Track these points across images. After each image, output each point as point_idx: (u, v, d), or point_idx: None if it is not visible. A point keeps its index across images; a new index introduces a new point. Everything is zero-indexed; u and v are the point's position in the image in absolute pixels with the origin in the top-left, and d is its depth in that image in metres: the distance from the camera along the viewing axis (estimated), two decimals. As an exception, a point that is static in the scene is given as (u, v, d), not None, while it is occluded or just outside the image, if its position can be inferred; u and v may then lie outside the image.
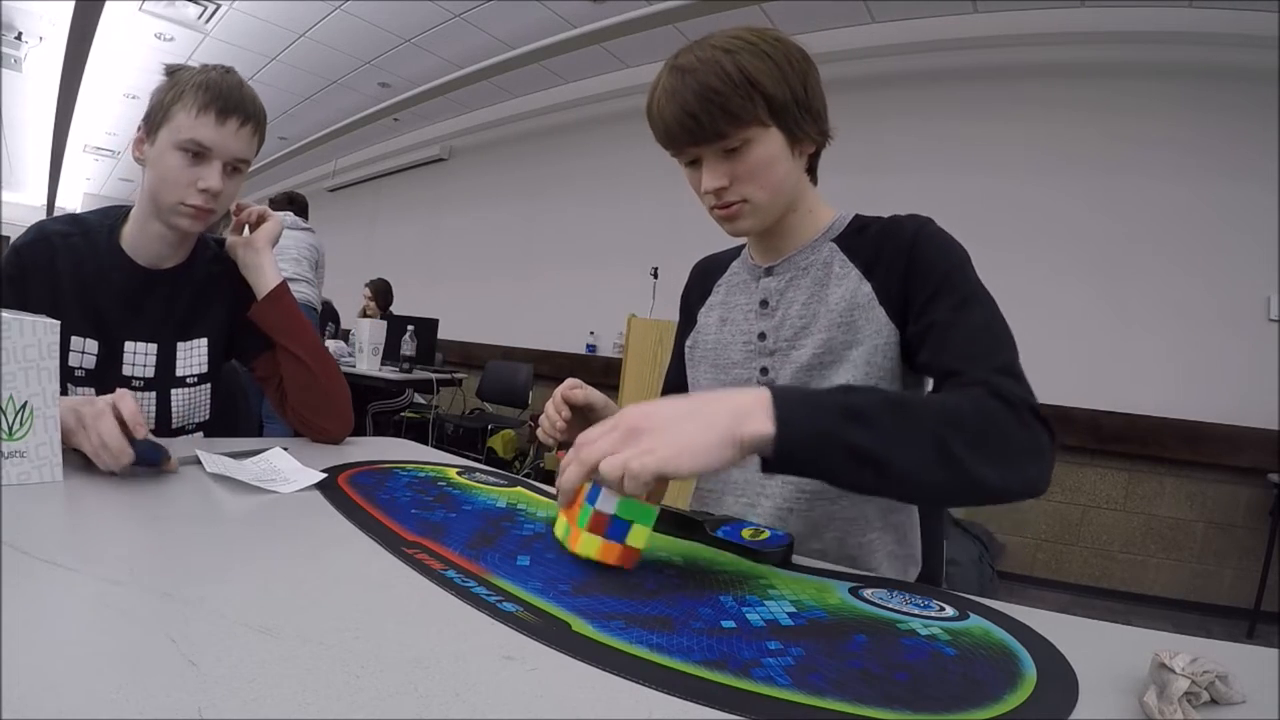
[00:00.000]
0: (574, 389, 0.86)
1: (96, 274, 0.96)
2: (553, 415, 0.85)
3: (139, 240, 0.99)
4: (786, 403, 0.54)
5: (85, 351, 0.97)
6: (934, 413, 0.59)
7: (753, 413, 0.53)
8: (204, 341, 1.05)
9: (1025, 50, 3.42)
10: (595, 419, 0.89)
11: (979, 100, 3.55)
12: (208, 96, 0.90)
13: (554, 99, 5.25)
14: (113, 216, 1.01)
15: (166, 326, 1.02)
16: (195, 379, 1.05)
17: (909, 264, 0.76)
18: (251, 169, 1.02)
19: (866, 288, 0.79)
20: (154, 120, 0.93)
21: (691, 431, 0.52)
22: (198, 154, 0.92)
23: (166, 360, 1.02)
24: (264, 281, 1.04)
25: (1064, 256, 3.31)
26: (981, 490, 0.58)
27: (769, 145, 0.75)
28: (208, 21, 4.38)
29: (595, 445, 0.54)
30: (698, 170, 0.78)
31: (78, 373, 0.97)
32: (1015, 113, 3.46)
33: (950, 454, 0.56)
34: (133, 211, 1.00)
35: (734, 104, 0.71)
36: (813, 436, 0.54)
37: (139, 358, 1.00)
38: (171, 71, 0.95)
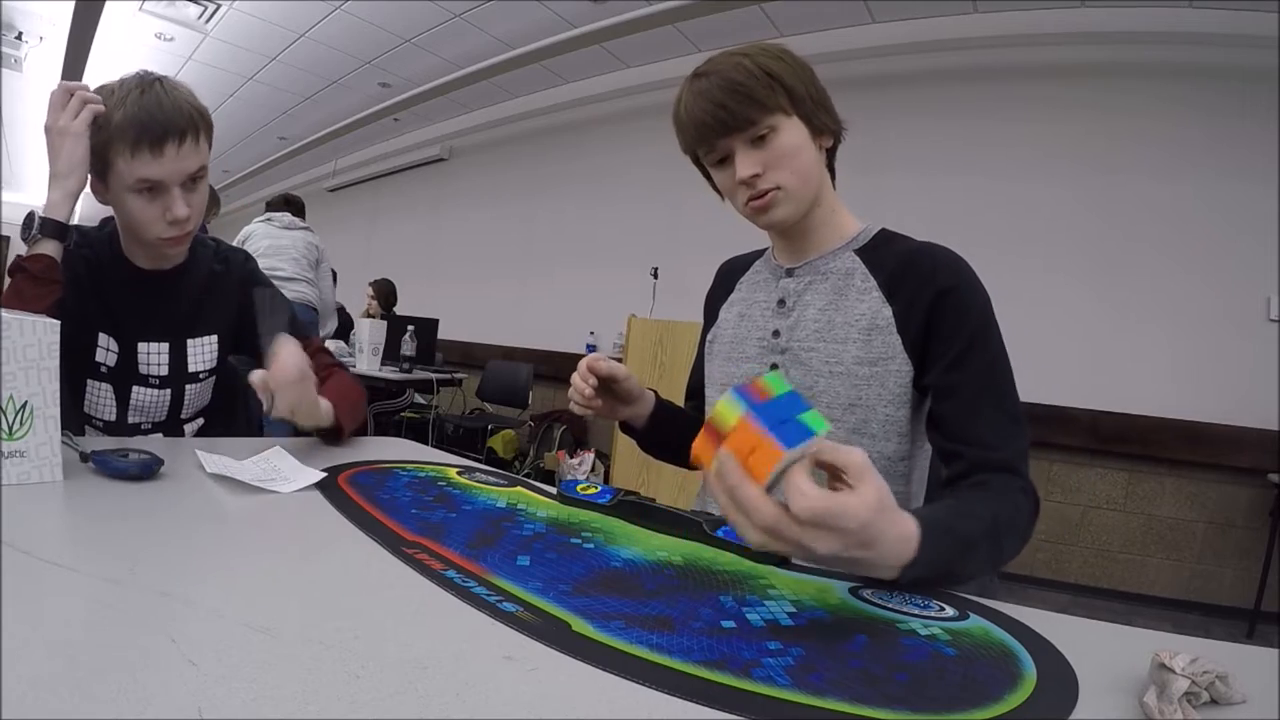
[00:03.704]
0: (598, 360, 0.89)
1: (106, 281, 0.98)
2: (580, 385, 0.89)
3: (136, 255, 1.01)
4: (930, 542, 0.55)
5: (109, 349, 0.99)
6: (1005, 531, 0.66)
7: (905, 550, 0.54)
8: (214, 338, 1.08)
9: (1025, 50, 3.42)
10: (620, 390, 0.92)
11: (979, 100, 3.55)
12: (135, 132, 0.85)
13: (554, 99, 5.25)
14: (109, 226, 1.02)
15: (176, 325, 1.04)
16: (206, 373, 1.08)
17: (937, 306, 0.78)
18: (251, 169, 1.02)
19: (887, 312, 0.81)
20: (99, 170, 0.90)
21: (874, 559, 0.51)
22: (152, 189, 0.89)
23: (178, 358, 1.04)
24: (327, 415, 0.94)
25: (1064, 256, 3.31)
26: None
27: (793, 132, 0.79)
28: (208, 21, 4.38)
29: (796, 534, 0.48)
30: (728, 167, 0.82)
31: (101, 369, 1.00)
32: (1015, 113, 3.46)
33: (1000, 561, 0.66)
34: (120, 230, 1.00)
35: (759, 92, 0.77)
36: (926, 568, 0.56)
37: (152, 357, 1.02)
38: (101, 106, 0.88)
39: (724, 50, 0.80)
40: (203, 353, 1.07)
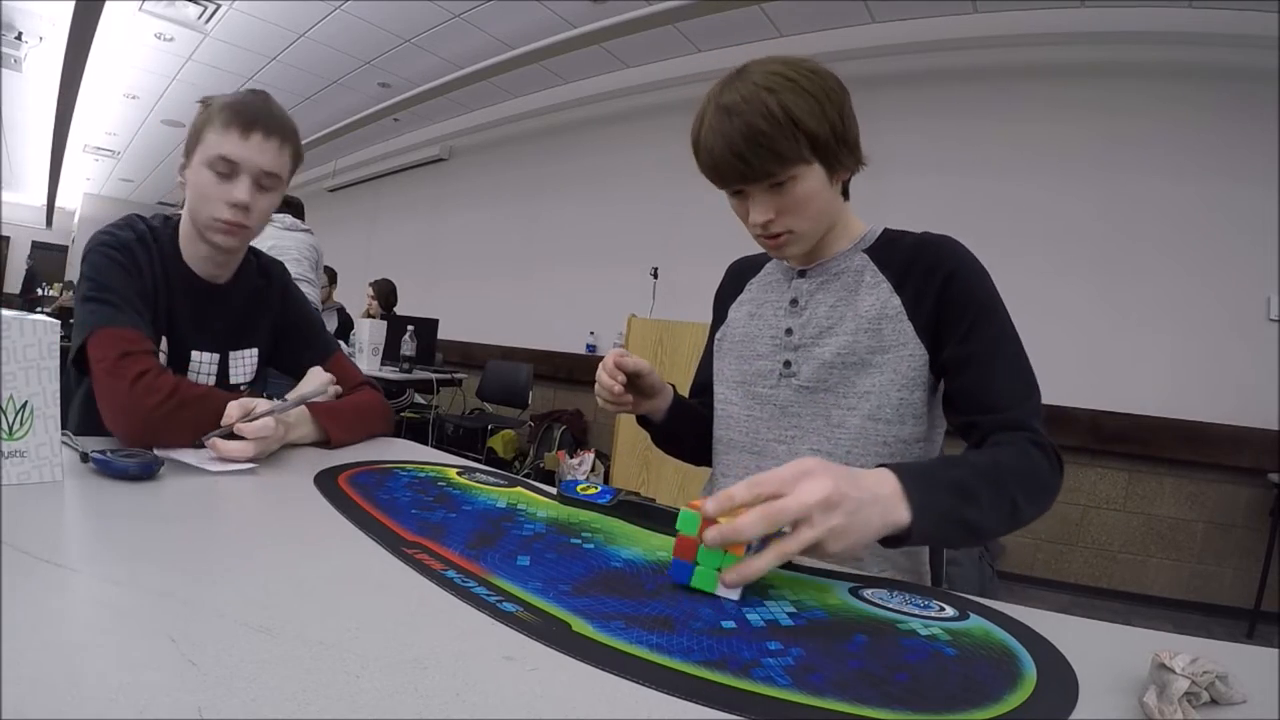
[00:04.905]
0: (624, 356, 0.89)
1: (168, 284, 0.98)
2: (608, 382, 0.89)
3: (193, 258, 1.01)
4: (915, 490, 0.58)
5: (161, 350, 0.99)
6: (1009, 476, 0.67)
7: (894, 502, 0.57)
8: (255, 351, 1.10)
9: (1025, 50, 3.42)
10: (644, 385, 0.93)
11: (979, 100, 3.55)
12: (231, 113, 0.93)
13: (554, 99, 5.25)
14: (171, 227, 1.02)
15: (223, 337, 1.05)
16: (245, 386, 1.09)
17: (945, 291, 0.80)
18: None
19: (896, 301, 0.83)
20: (190, 146, 0.96)
21: (863, 523, 0.55)
22: (227, 170, 0.93)
23: (223, 369, 1.06)
24: (318, 431, 0.97)
25: (1064, 256, 3.31)
26: (1021, 526, 0.69)
27: (811, 180, 0.79)
28: (208, 21, 4.38)
29: (790, 506, 0.52)
30: (743, 200, 0.82)
31: None
32: (1015, 113, 3.46)
33: (1018, 510, 0.67)
34: (181, 228, 1.01)
35: (780, 145, 0.75)
36: (937, 519, 0.60)
37: (203, 366, 1.03)
38: (206, 100, 0.97)
39: (750, 75, 0.76)
40: (244, 365, 1.08)
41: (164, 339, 0.99)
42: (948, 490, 0.62)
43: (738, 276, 1.03)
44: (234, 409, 0.83)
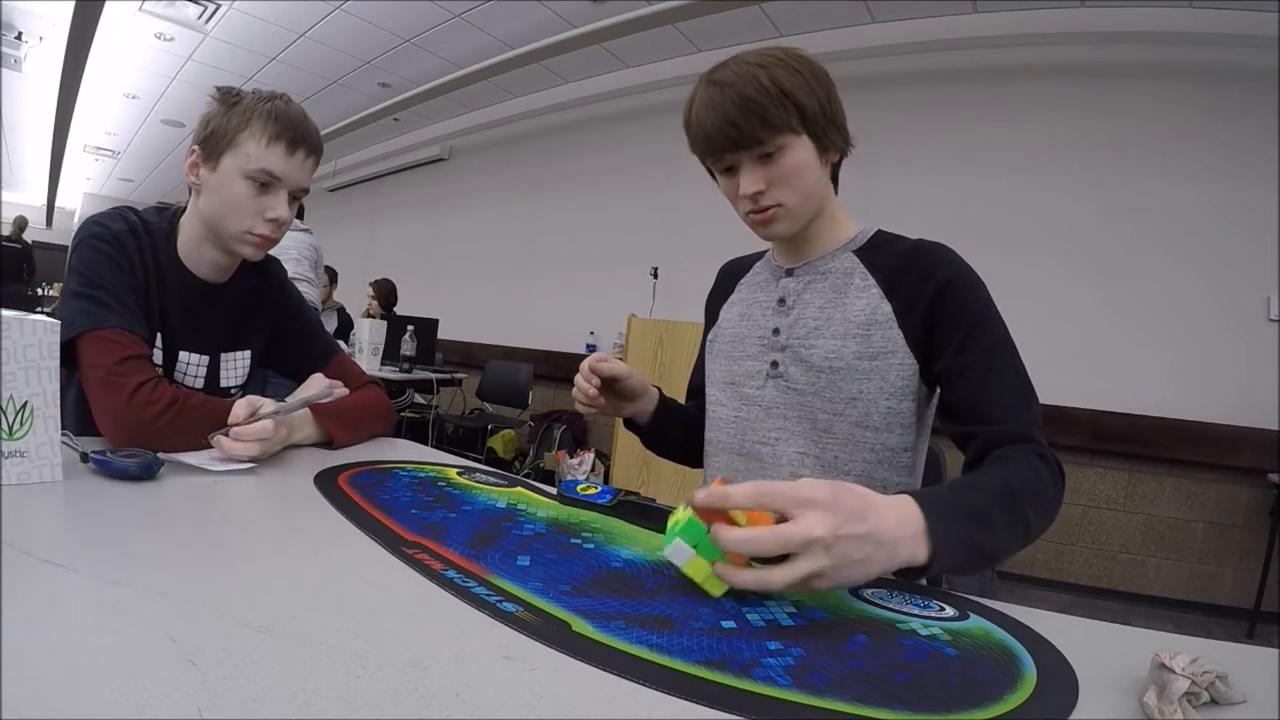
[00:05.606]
0: (601, 361, 0.90)
1: (161, 281, 0.95)
2: (584, 386, 0.91)
3: (194, 258, 0.98)
4: (938, 522, 0.56)
5: (156, 348, 0.96)
6: (1022, 497, 0.65)
7: (914, 542, 0.55)
8: (247, 354, 1.07)
9: (1025, 50, 3.42)
10: (622, 388, 0.94)
11: (979, 100, 3.55)
12: (278, 127, 0.90)
13: (554, 99, 5.25)
14: (168, 220, 0.98)
15: (216, 339, 1.03)
16: (238, 390, 1.07)
17: (938, 300, 0.79)
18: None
19: (887, 307, 0.82)
20: (217, 146, 0.91)
21: (861, 565, 0.52)
22: (266, 184, 0.91)
23: (213, 371, 1.03)
24: (320, 433, 0.97)
25: (1064, 256, 3.31)
26: (1029, 545, 0.67)
27: (801, 152, 0.80)
28: (208, 21, 4.38)
29: (791, 539, 0.50)
30: (734, 178, 0.82)
31: None
32: (1015, 113, 3.45)
33: (1029, 528, 0.65)
34: (185, 226, 0.97)
35: (770, 113, 0.76)
36: (954, 551, 0.57)
37: (191, 368, 1.00)
38: (229, 96, 0.92)
39: (741, 57, 0.79)
40: (236, 367, 1.06)
41: (159, 335, 0.97)
42: (968, 518, 0.60)
43: (728, 278, 1.03)
44: (241, 407, 0.82)
